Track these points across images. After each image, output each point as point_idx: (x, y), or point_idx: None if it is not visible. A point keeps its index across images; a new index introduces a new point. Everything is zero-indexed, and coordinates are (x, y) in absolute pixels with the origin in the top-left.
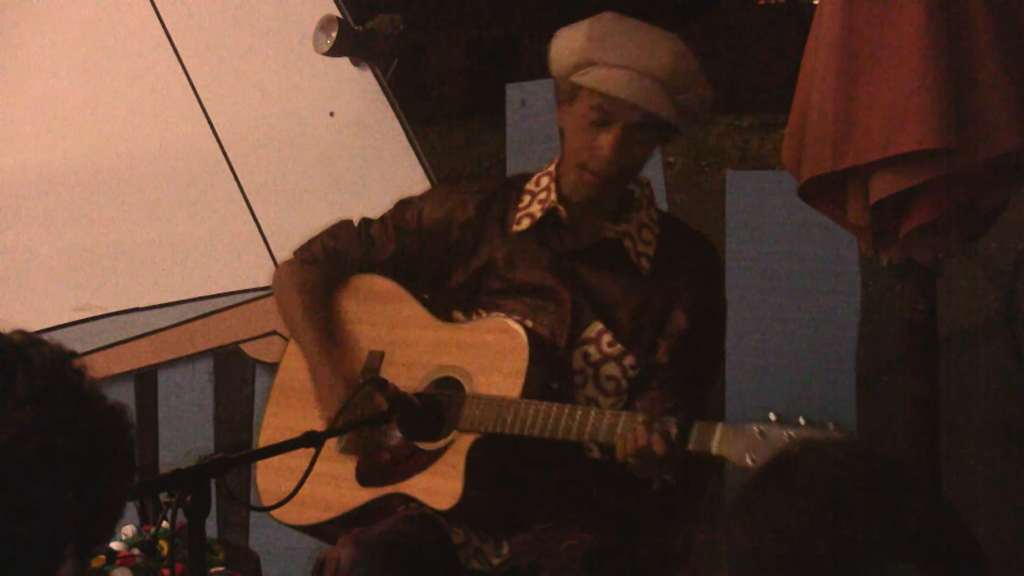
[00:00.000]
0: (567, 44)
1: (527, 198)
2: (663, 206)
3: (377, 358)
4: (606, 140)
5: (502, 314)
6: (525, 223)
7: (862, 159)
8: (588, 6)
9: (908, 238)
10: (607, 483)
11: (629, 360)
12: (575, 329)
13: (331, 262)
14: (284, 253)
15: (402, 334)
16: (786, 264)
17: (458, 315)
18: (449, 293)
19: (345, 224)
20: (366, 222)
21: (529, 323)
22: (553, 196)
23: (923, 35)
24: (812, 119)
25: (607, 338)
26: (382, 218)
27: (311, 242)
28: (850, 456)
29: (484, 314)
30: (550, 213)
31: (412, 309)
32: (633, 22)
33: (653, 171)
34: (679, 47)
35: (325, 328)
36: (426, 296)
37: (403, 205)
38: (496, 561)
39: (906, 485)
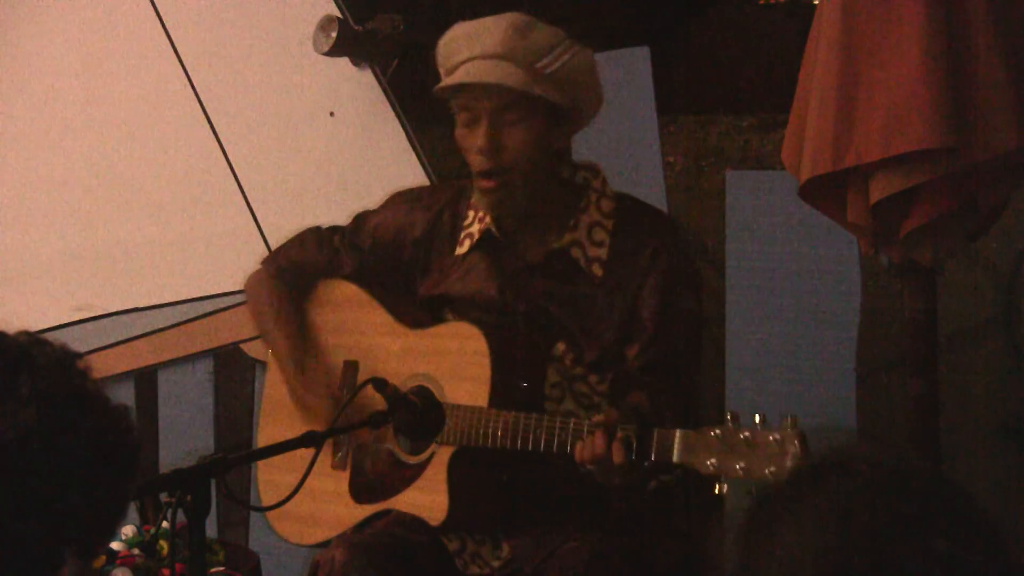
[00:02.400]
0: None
1: (470, 214)
2: (663, 206)
3: (352, 368)
4: (478, 134)
5: (464, 320)
6: (466, 244)
7: (862, 159)
8: (586, 6)
9: (908, 238)
10: (599, 485)
11: (594, 378)
12: (545, 346)
13: (296, 273)
14: None
15: (371, 342)
16: (786, 264)
17: (424, 318)
18: (418, 300)
19: (311, 233)
20: (332, 231)
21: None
22: (488, 218)
23: (923, 35)
24: (812, 119)
25: (569, 359)
26: (343, 232)
27: (277, 253)
28: (876, 474)
29: (451, 317)
30: (486, 234)
31: (378, 315)
32: (474, 21)
33: (653, 171)
34: (515, 20)
35: (300, 341)
36: (395, 298)
37: (359, 221)
38: (496, 563)
39: (935, 502)
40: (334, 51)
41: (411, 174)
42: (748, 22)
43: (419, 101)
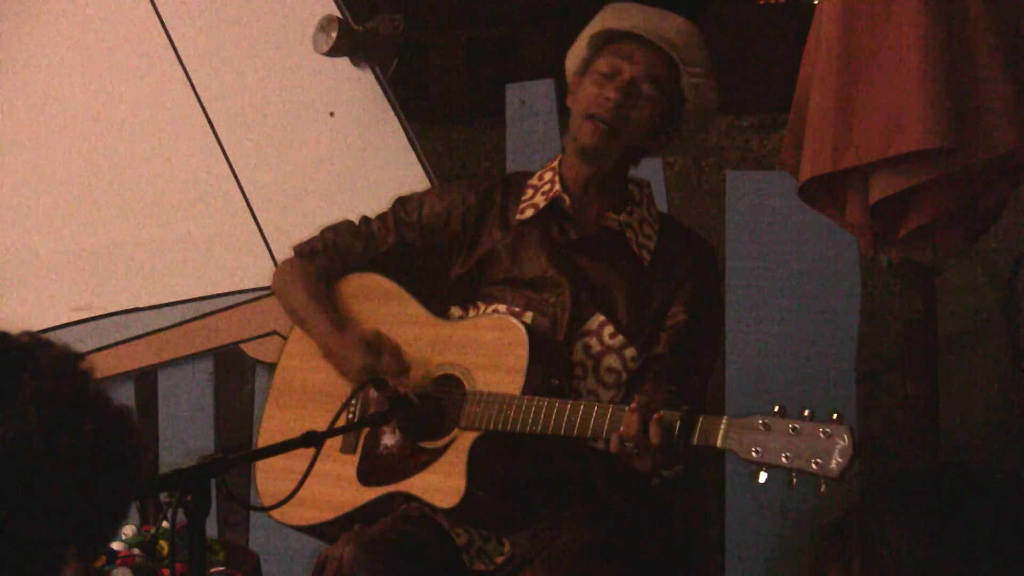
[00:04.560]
0: (585, 31)
1: (530, 191)
2: (663, 206)
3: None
4: (613, 87)
5: (503, 307)
6: (529, 212)
7: (862, 159)
8: (586, 6)
9: (908, 238)
10: (610, 477)
11: (630, 352)
12: (576, 322)
13: (331, 255)
14: (284, 253)
15: (402, 332)
16: (786, 264)
17: (456, 311)
18: (448, 285)
19: (346, 221)
20: (366, 219)
21: (529, 316)
22: (557, 187)
23: (923, 35)
24: (812, 119)
25: (609, 330)
26: (382, 214)
27: (312, 238)
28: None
29: (483, 307)
30: (554, 202)
31: (411, 307)
32: (644, 6)
33: (653, 171)
34: (688, 25)
35: (334, 310)
36: (424, 290)
37: (403, 200)
38: (499, 560)
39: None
40: (334, 51)
41: (411, 174)
42: (748, 22)
43: (419, 101)
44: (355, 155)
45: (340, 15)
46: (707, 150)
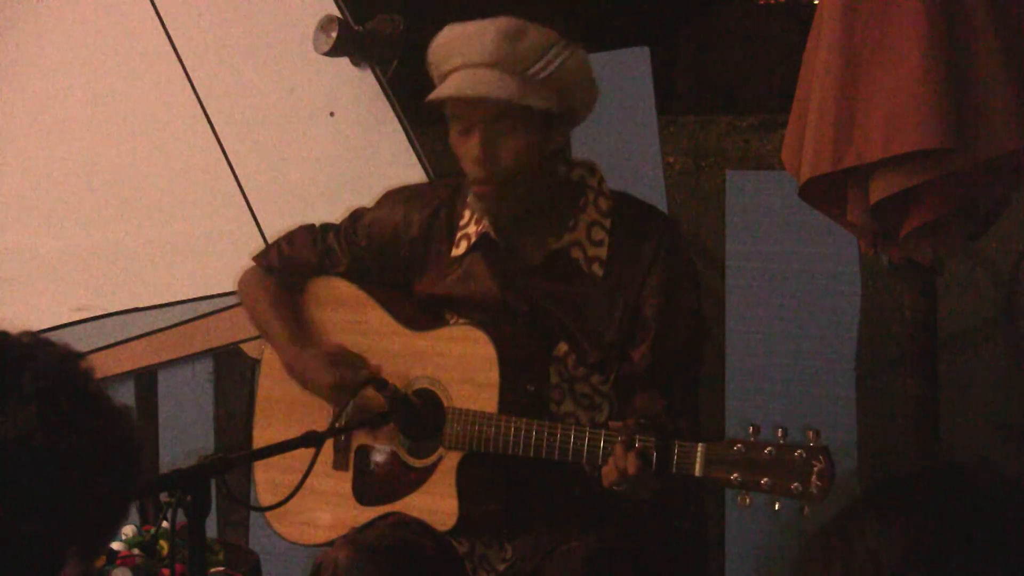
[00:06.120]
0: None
1: (467, 213)
2: (663, 206)
3: None
4: (472, 144)
5: (469, 321)
6: (463, 246)
7: (862, 159)
8: (586, 6)
9: (908, 238)
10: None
11: (596, 379)
12: (546, 345)
13: (287, 270)
14: None
15: (372, 342)
16: (786, 264)
17: (425, 319)
18: (415, 300)
19: (303, 230)
20: (324, 229)
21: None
22: (485, 220)
23: (923, 35)
24: (812, 119)
25: (571, 360)
26: (337, 229)
27: (269, 248)
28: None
29: (451, 316)
30: (483, 238)
31: (377, 316)
32: (465, 25)
33: (653, 171)
34: (505, 26)
35: (297, 325)
36: (391, 295)
37: (355, 217)
38: (501, 567)
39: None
40: (334, 51)
41: (411, 174)
42: (748, 22)
43: (419, 101)
44: (355, 155)
45: (340, 15)
46: (707, 150)
